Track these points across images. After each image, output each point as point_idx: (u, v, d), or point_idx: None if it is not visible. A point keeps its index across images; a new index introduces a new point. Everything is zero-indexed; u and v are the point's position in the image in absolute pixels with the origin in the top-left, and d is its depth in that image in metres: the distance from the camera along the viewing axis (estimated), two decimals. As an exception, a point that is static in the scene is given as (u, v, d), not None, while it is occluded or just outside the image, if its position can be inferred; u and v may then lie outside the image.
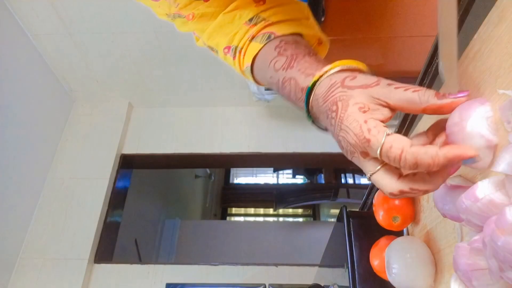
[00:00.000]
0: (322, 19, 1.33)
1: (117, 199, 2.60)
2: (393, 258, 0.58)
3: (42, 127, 2.52)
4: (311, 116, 0.45)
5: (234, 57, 0.58)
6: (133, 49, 2.46)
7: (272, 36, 0.53)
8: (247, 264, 2.29)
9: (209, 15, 0.59)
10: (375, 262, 0.72)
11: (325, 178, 5.43)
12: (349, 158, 0.41)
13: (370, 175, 0.39)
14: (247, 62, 0.56)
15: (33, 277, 2.20)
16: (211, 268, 2.27)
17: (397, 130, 0.79)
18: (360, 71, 0.43)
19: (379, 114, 0.38)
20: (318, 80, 0.43)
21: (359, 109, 0.38)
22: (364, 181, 4.92)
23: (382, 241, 0.72)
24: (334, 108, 0.40)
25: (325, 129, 0.45)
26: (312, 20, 0.62)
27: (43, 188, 2.49)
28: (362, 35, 1.46)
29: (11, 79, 2.22)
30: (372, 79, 0.40)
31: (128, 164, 2.77)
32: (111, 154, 2.62)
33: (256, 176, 7.48)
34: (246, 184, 7.30)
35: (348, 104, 0.39)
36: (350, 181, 4.98)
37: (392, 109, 0.38)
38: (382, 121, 0.38)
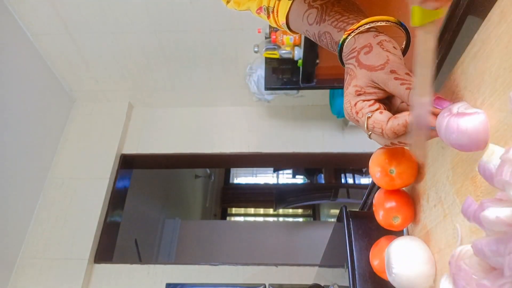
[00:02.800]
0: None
1: (117, 199, 2.60)
2: (393, 258, 0.58)
3: (42, 127, 2.52)
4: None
5: (268, 16, 0.61)
6: (133, 49, 2.46)
7: None
8: (247, 264, 2.29)
9: None
10: (375, 262, 0.72)
11: (325, 178, 5.43)
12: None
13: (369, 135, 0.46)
14: (282, 20, 0.58)
15: (33, 277, 2.20)
16: (211, 268, 2.27)
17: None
18: (384, 28, 0.46)
19: (373, 95, 0.44)
20: (346, 38, 0.47)
21: (355, 92, 0.44)
22: (364, 181, 4.92)
23: (382, 241, 0.72)
24: (346, 77, 0.46)
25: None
26: None
27: (43, 188, 2.49)
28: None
29: (11, 79, 2.22)
30: (381, 59, 0.43)
31: (128, 164, 2.77)
32: (111, 154, 2.63)
33: (256, 176, 7.48)
34: (246, 184, 7.30)
35: (350, 84, 0.45)
36: (350, 181, 4.97)
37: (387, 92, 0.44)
38: (375, 100, 0.44)
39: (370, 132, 0.44)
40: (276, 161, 3.01)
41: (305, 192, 4.92)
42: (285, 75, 2.09)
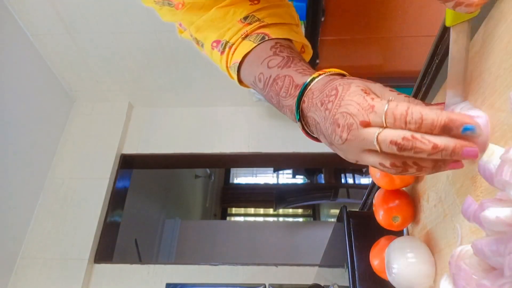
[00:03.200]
0: (322, 19, 1.33)
1: (117, 199, 2.60)
2: (393, 258, 0.58)
3: (42, 127, 2.52)
4: (299, 113, 0.46)
5: (222, 52, 0.58)
6: (133, 49, 2.46)
7: (267, 38, 0.54)
8: (247, 264, 2.29)
9: (199, 5, 0.58)
10: (375, 262, 0.72)
11: (325, 178, 5.42)
12: (344, 136, 0.38)
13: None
14: (236, 58, 0.56)
15: (33, 277, 2.20)
16: (211, 268, 2.27)
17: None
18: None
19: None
20: (317, 77, 0.44)
21: (361, 90, 0.39)
22: (364, 181, 4.92)
23: (382, 241, 0.72)
24: (333, 92, 0.40)
25: (309, 131, 0.48)
26: (299, 26, 0.65)
27: (43, 188, 2.49)
28: (362, 35, 1.46)
29: (11, 79, 2.22)
30: (363, 82, 0.41)
31: (128, 164, 2.77)
32: (111, 154, 2.62)
33: (256, 176, 7.48)
34: (246, 184, 7.30)
35: (350, 86, 0.39)
36: (350, 181, 4.97)
37: None
38: None
39: (379, 131, 0.37)
40: (276, 161, 3.01)
41: (305, 192, 4.92)
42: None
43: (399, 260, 0.58)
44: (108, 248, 2.46)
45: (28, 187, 2.39)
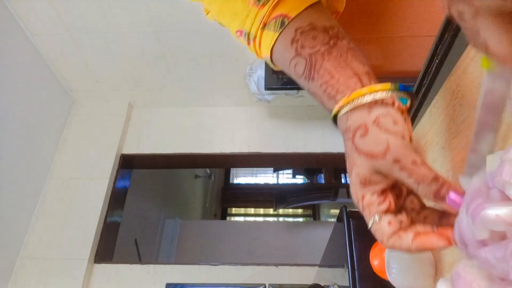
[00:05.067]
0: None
1: (117, 199, 2.60)
2: (393, 258, 0.58)
3: (42, 127, 2.52)
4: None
5: (249, 43, 0.53)
6: (133, 49, 2.46)
7: (286, 21, 0.47)
8: (247, 264, 2.29)
9: None
10: (375, 262, 0.72)
11: (325, 178, 5.42)
12: (353, 198, 0.42)
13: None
14: (265, 54, 0.50)
15: (33, 277, 2.20)
16: (211, 268, 2.27)
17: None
18: (381, 101, 0.39)
19: (382, 185, 0.38)
20: (337, 113, 0.41)
21: (360, 183, 0.38)
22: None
23: (382, 241, 0.72)
24: (346, 158, 0.40)
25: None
26: None
27: (43, 188, 2.49)
28: (362, 35, 1.46)
29: (11, 79, 2.22)
30: (380, 145, 0.36)
31: (128, 164, 2.77)
32: (111, 154, 2.62)
33: (256, 176, 7.48)
34: (246, 184, 7.30)
35: (352, 171, 0.39)
36: (350, 181, 4.97)
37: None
38: (385, 189, 0.38)
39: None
40: (276, 161, 3.01)
41: (305, 192, 4.92)
42: (285, 75, 2.08)
43: (399, 260, 0.58)
44: (108, 248, 2.46)
45: (28, 187, 2.39)
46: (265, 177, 7.41)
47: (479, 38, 0.28)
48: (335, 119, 0.41)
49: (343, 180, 5.01)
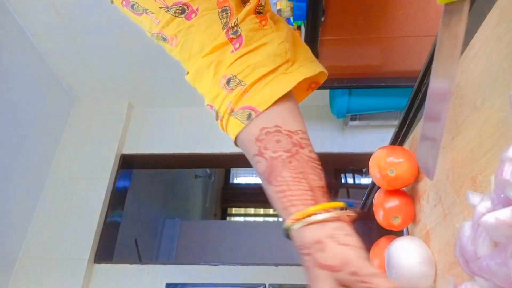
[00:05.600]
0: (322, 19, 1.33)
1: (117, 199, 2.60)
2: (393, 258, 0.58)
3: (42, 127, 2.52)
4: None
5: (217, 119, 0.55)
6: (133, 49, 2.46)
7: (253, 115, 0.48)
8: (247, 264, 2.29)
9: (190, 41, 0.53)
10: (375, 262, 0.72)
11: (325, 178, 5.42)
12: None
13: None
14: (231, 136, 0.53)
15: (33, 277, 2.20)
16: (211, 268, 2.27)
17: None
18: (330, 219, 0.41)
19: None
20: (290, 229, 0.43)
21: None
22: (364, 181, 4.92)
23: (382, 241, 0.72)
24: (307, 273, 0.42)
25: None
26: (295, 54, 0.54)
27: (43, 188, 2.49)
28: (362, 35, 1.46)
29: (11, 79, 2.22)
30: (339, 258, 0.38)
31: (128, 164, 2.77)
32: (111, 154, 2.62)
33: (256, 176, 7.47)
34: (246, 184, 7.29)
35: (317, 287, 0.40)
36: (350, 181, 4.97)
37: None
38: None
39: None
40: (276, 161, 3.00)
41: (305, 192, 4.91)
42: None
43: (399, 260, 0.58)
44: (108, 248, 2.46)
45: (28, 187, 2.39)
46: (265, 177, 7.40)
47: None
48: (286, 230, 0.43)
49: (343, 180, 5.01)
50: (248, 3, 0.52)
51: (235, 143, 0.54)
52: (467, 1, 0.31)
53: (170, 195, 4.58)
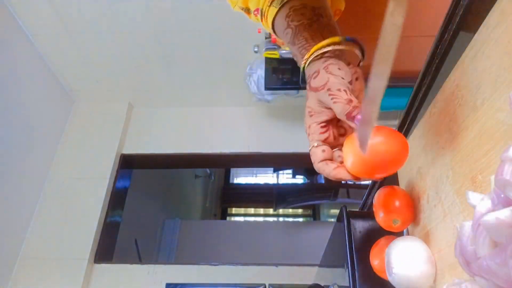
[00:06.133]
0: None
1: (117, 199, 2.60)
2: (393, 258, 0.58)
3: (42, 127, 2.52)
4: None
5: (261, 19, 0.63)
6: (133, 49, 2.46)
7: (285, 0, 0.57)
8: (247, 264, 2.29)
9: None
10: (375, 262, 0.72)
11: (325, 178, 5.42)
12: (305, 126, 0.54)
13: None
14: (269, 23, 0.61)
15: (33, 277, 2.20)
16: (211, 268, 2.27)
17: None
18: (333, 52, 0.50)
19: (324, 116, 0.49)
20: (304, 67, 0.52)
21: (308, 113, 0.51)
22: (364, 181, 4.91)
23: (382, 241, 0.72)
24: (306, 96, 0.51)
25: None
26: None
27: (43, 188, 2.49)
28: (362, 35, 1.46)
29: (11, 79, 2.22)
30: (323, 80, 0.47)
31: (128, 164, 2.77)
32: (111, 154, 2.62)
33: (256, 176, 7.47)
34: (246, 184, 7.30)
35: (306, 106, 0.51)
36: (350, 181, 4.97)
37: None
38: (327, 121, 0.49)
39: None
40: (276, 161, 3.01)
41: (305, 192, 4.92)
42: (285, 75, 2.09)
43: (399, 260, 0.58)
44: (108, 248, 2.46)
45: (28, 187, 2.39)
46: (265, 177, 7.40)
47: None
48: (302, 72, 0.52)
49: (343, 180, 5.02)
50: None
51: (273, 29, 0.61)
52: None
53: (170, 195, 4.58)
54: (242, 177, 7.48)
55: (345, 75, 0.48)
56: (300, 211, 6.96)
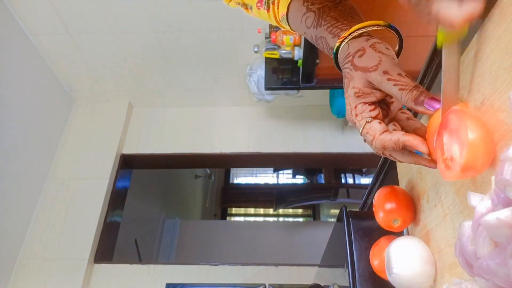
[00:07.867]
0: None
1: (117, 199, 2.60)
2: (393, 258, 0.58)
3: (42, 127, 2.52)
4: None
5: (268, 10, 0.60)
6: (133, 49, 2.46)
7: None
8: (247, 264, 2.29)
9: None
10: (375, 262, 0.72)
11: (325, 178, 5.42)
12: (347, 113, 0.49)
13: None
14: (282, 11, 0.58)
15: (33, 277, 2.20)
16: (211, 268, 2.27)
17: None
18: (377, 32, 0.47)
19: (372, 97, 0.45)
20: (340, 44, 0.48)
21: (354, 94, 0.46)
22: (364, 181, 4.92)
23: (382, 241, 0.72)
24: (344, 81, 0.48)
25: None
26: None
27: (43, 188, 2.49)
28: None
29: (11, 79, 2.22)
30: (374, 60, 0.44)
31: (128, 164, 2.77)
32: (111, 154, 2.62)
33: (256, 176, 7.47)
34: (246, 184, 7.30)
35: (349, 86, 0.46)
36: (350, 181, 4.97)
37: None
38: (374, 102, 0.45)
39: (363, 137, 0.46)
40: (276, 161, 3.01)
41: (305, 192, 4.92)
42: (285, 75, 2.09)
43: (399, 260, 0.58)
44: (108, 248, 2.46)
45: (28, 187, 2.39)
46: (265, 177, 7.40)
47: (431, 14, 0.33)
48: (336, 55, 0.49)
49: (343, 180, 5.02)
50: None
51: (287, 18, 0.58)
52: (459, 42, 0.39)
53: (170, 195, 4.58)
54: (242, 177, 7.48)
55: (394, 55, 0.46)
56: (300, 211, 6.96)
